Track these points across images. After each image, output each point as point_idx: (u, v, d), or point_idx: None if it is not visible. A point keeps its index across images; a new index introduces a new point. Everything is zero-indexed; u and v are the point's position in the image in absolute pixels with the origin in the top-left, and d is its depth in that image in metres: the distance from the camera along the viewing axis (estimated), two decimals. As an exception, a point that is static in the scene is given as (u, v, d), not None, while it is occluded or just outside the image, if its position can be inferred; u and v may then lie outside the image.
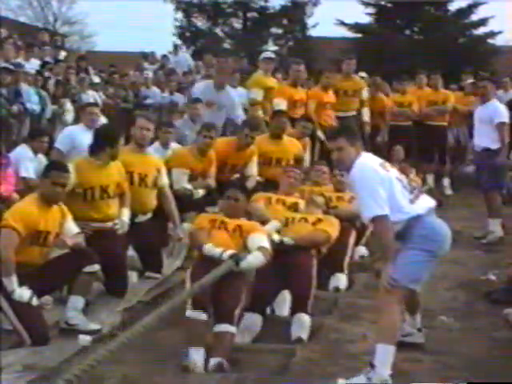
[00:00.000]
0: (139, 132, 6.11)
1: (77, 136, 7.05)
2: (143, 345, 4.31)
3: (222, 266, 4.62)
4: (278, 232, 5.39)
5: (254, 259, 4.82)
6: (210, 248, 4.84)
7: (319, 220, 5.61)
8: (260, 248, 4.88)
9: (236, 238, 5.00)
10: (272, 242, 5.09)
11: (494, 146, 7.67)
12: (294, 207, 5.95)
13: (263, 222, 5.46)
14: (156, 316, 3.89)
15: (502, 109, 7.83)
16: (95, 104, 8.45)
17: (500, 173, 7.82)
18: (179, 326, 4.72)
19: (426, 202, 4.17)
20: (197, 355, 4.42)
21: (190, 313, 4.57)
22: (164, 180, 6.29)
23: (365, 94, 10.06)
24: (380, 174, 4.02)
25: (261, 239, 4.98)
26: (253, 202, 5.90)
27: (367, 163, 4.08)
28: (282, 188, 6.24)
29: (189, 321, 4.56)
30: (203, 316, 4.56)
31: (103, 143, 5.61)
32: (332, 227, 5.55)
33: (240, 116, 8.25)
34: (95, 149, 5.66)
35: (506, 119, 7.76)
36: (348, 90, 9.82)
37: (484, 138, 7.76)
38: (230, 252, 4.78)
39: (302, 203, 6.04)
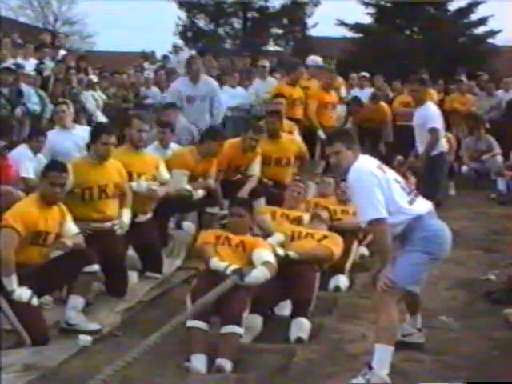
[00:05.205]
0: (136, 134, 6.10)
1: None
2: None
3: (227, 282, 4.64)
4: (282, 245, 5.40)
5: (259, 274, 4.81)
6: (216, 262, 4.87)
7: (325, 237, 5.65)
8: (265, 263, 4.89)
9: (240, 253, 5.02)
10: (277, 255, 5.10)
11: (433, 151, 7.34)
12: (298, 220, 6.07)
13: (267, 235, 5.52)
14: (160, 334, 3.98)
15: (436, 114, 7.43)
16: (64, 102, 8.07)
17: (437, 180, 7.52)
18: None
19: (425, 204, 4.17)
20: (198, 362, 4.40)
21: (190, 323, 4.54)
22: (165, 175, 6.32)
23: (343, 91, 10.21)
24: (377, 177, 4.01)
25: (266, 254, 4.98)
26: (259, 214, 6.02)
27: (364, 166, 4.07)
28: (286, 202, 6.43)
29: (189, 331, 4.55)
30: (204, 326, 4.55)
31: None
32: (336, 245, 5.57)
33: (221, 102, 8.67)
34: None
35: (438, 125, 7.39)
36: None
37: (421, 145, 7.44)
38: (234, 267, 4.79)
39: (306, 217, 6.13)
